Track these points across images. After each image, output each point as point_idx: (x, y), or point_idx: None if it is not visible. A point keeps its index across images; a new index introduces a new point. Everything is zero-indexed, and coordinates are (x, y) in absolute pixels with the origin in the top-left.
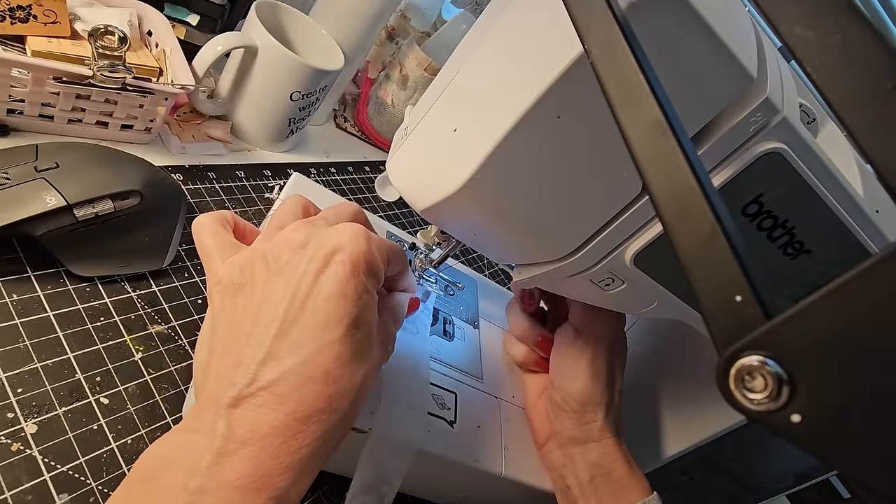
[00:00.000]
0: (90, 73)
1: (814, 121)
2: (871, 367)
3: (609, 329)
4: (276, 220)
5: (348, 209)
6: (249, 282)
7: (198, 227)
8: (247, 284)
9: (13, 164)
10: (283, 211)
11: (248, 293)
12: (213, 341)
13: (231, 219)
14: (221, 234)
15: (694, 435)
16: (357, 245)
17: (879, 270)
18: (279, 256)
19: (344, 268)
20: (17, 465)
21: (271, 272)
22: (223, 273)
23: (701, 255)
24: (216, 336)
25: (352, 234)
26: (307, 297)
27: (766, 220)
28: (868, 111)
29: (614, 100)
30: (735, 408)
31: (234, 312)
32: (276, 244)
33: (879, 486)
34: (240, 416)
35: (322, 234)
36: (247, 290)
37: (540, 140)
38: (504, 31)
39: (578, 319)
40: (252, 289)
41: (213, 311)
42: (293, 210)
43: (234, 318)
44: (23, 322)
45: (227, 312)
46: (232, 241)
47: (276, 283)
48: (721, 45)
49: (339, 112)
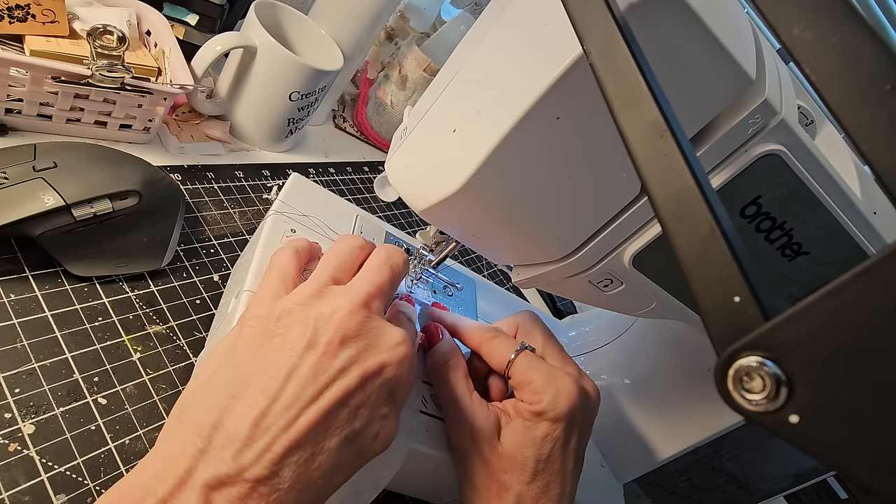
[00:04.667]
0: (89, 73)
1: (812, 122)
2: (869, 367)
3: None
4: (331, 268)
5: (401, 265)
6: (281, 336)
7: (275, 257)
8: (278, 338)
9: (11, 163)
10: (342, 260)
11: (276, 346)
12: (223, 368)
13: (309, 251)
14: (291, 271)
15: (692, 436)
16: (399, 370)
17: (877, 272)
18: (321, 331)
19: (376, 385)
20: (15, 465)
21: (305, 342)
22: (265, 311)
23: (699, 256)
24: (226, 366)
25: (401, 356)
26: (333, 402)
27: (765, 222)
28: (866, 113)
29: (613, 101)
30: (733, 408)
31: (253, 356)
32: (325, 315)
33: (877, 487)
34: (216, 502)
35: (376, 335)
36: (276, 343)
37: (539, 141)
38: (503, 32)
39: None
40: (282, 343)
41: (238, 339)
42: (351, 263)
43: (251, 363)
44: (20, 322)
45: (248, 352)
46: (296, 281)
47: (308, 358)
48: (720, 47)
49: (338, 112)
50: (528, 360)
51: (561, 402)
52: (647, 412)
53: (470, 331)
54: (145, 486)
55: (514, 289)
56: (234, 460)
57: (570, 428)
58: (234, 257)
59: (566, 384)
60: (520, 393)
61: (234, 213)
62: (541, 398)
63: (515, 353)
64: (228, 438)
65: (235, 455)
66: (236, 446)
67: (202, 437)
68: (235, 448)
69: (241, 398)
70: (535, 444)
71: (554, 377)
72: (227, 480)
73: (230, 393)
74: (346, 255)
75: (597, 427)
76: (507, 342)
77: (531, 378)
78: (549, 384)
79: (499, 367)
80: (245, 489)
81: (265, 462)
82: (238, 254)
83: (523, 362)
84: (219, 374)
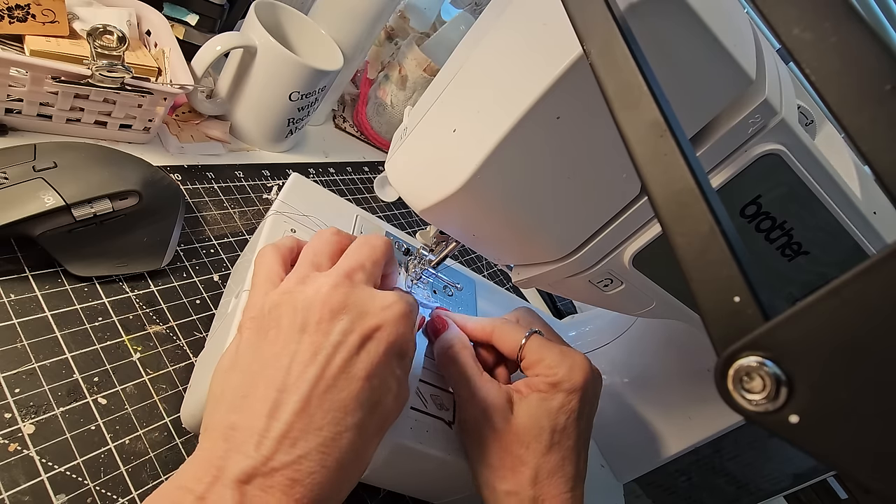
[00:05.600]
0: (89, 73)
1: (812, 122)
2: (869, 367)
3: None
4: (310, 255)
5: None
6: (275, 327)
7: (258, 258)
8: (272, 329)
9: (11, 163)
10: (319, 246)
11: (272, 339)
12: (231, 375)
13: (294, 248)
14: (274, 268)
15: (692, 436)
16: (398, 327)
17: (877, 271)
18: (309, 312)
19: (379, 348)
20: (15, 465)
21: (297, 327)
22: (256, 310)
23: (699, 255)
24: (235, 371)
25: (397, 314)
26: (339, 375)
27: (765, 222)
28: (866, 112)
29: (613, 101)
30: (733, 408)
31: (256, 355)
32: (310, 296)
33: (877, 487)
34: (249, 493)
35: (364, 302)
36: (271, 336)
37: (539, 141)
38: (503, 32)
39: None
40: (277, 334)
41: (240, 344)
42: (329, 247)
43: (256, 362)
44: (20, 322)
45: (250, 352)
46: (282, 276)
47: (303, 341)
48: (720, 47)
49: (338, 112)
50: (540, 341)
51: (576, 374)
52: (646, 412)
53: (477, 323)
54: (184, 486)
55: (514, 289)
56: (258, 451)
57: (584, 401)
58: (234, 257)
59: (580, 358)
60: (533, 370)
61: (234, 213)
62: (556, 371)
63: (526, 337)
64: (248, 434)
65: (257, 447)
66: (256, 439)
67: (225, 439)
68: (255, 441)
69: (251, 396)
70: (551, 414)
71: (567, 353)
72: (254, 472)
73: (241, 395)
74: (324, 243)
75: (597, 427)
76: (516, 328)
77: (544, 356)
78: (564, 358)
79: (511, 351)
80: (276, 477)
81: (286, 447)
82: (238, 254)
83: (535, 342)
84: (229, 382)
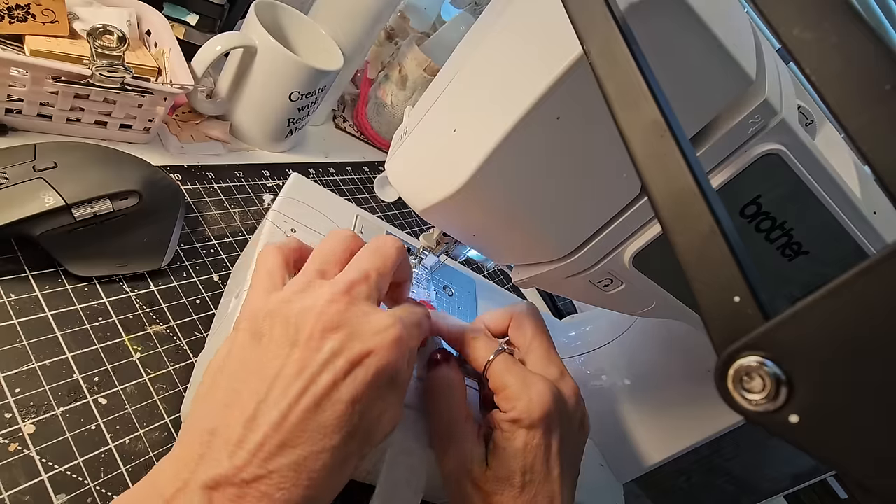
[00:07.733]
0: (89, 73)
1: (812, 122)
2: (869, 367)
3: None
4: (319, 260)
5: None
6: (268, 335)
7: (260, 258)
8: (265, 338)
9: (11, 163)
10: (330, 250)
11: (263, 347)
12: (219, 378)
13: (297, 248)
14: (276, 269)
15: (692, 436)
16: (390, 355)
17: (877, 271)
18: (302, 326)
19: (367, 375)
20: (15, 465)
21: (288, 340)
22: (253, 313)
23: (699, 255)
24: (223, 375)
25: (390, 341)
26: (322, 398)
27: (765, 221)
28: (866, 113)
29: (613, 101)
30: (733, 408)
31: (245, 361)
32: (306, 308)
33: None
34: (216, 501)
35: (358, 322)
36: (263, 343)
37: (539, 141)
38: (503, 32)
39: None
40: (268, 344)
41: (233, 345)
42: (339, 251)
43: (244, 368)
44: (21, 322)
45: (241, 356)
46: (283, 278)
47: (292, 356)
48: (720, 47)
49: (339, 112)
50: (505, 365)
51: (534, 409)
52: (647, 412)
53: (451, 331)
54: (155, 488)
55: (514, 289)
56: (230, 461)
57: (549, 432)
58: (234, 257)
59: (539, 390)
60: (497, 397)
61: (234, 213)
62: (514, 405)
63: (494, 355)
64: (224, 441)
65: (230, 456)
66: (230, 448)
67: (202, 444)
68: (229, 450)
69: (233, 405)
70: (517, 455)
71: (528, 382)
72: (223, 481)
73: (225, 400)
74: (333, 248)
75: (596, 427)
76: (486, 343)
77: (507, 383)
78: (523, 390)
79: (478, 369)
80: (243, 489)
81: (258, 461)
82: (238, 254)
83: (500, 365)
84: (217, 382)
